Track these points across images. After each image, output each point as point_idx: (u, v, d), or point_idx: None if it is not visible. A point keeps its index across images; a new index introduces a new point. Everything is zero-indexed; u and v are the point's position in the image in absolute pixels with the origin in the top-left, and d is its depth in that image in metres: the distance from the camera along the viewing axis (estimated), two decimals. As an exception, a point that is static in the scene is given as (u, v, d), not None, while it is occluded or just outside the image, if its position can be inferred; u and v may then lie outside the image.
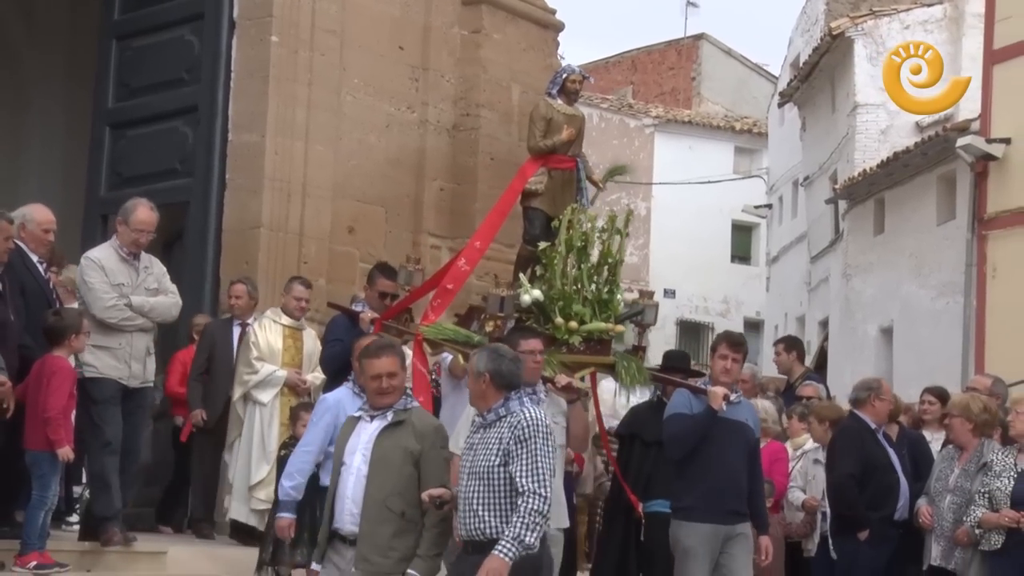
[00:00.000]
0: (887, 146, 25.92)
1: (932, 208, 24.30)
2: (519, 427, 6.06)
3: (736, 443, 7.74)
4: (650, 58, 41.59)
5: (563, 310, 8.32)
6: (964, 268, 22.72)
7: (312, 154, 11.58)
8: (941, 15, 27.64)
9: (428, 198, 12.66)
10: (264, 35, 11.38)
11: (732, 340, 8.01)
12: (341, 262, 11.76)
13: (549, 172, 9.29)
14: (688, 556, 7.56)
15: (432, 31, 12.64)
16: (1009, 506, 7.77)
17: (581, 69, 9.77)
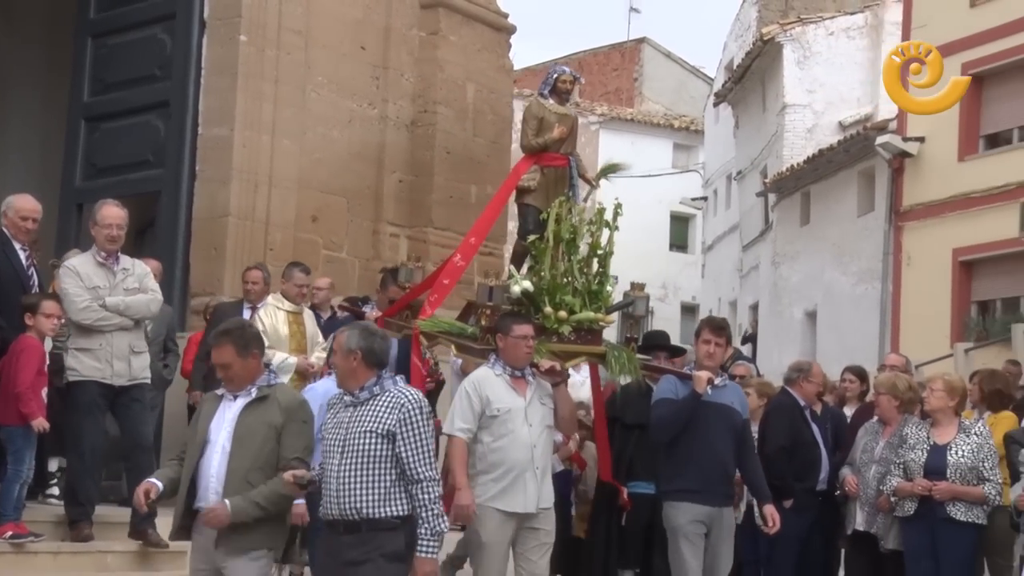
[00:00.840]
0: (813, 143, 26.10)
1: (853, 201, 24.48)
2: (404, 408, 5.69)
3: (722, 426, 7.50)
4: (595, 60, 41.61)
5: (553, 300, 8.04)
6: (881, 257, 22.92)
7: (278, 147, 11.50)
8: (863, 22, 27.82)
9: (387, 189, 12.63)
10: (233, 34, 11.28)
11: (714, 325, 7.81)
12: (305, 249, 11.66)
13: (542, 169, 8.91)
14: (680, 535, 7.38)
15: (392, 32, 12.60)
16: (922, 476, 7.81)
17: (572, 70, 9.43)
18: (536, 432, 7.09)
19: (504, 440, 6.99)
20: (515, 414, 7.03)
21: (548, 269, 8.13)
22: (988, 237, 21.27)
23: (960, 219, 21.85)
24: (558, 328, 7.99)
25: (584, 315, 8.07)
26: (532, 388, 7.20)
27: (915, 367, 13.03)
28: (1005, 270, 21.41)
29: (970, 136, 22.29)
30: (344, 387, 5.90)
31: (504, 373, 7.16)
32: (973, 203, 21.60)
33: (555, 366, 7.38)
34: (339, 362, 5.92)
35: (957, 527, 7.79)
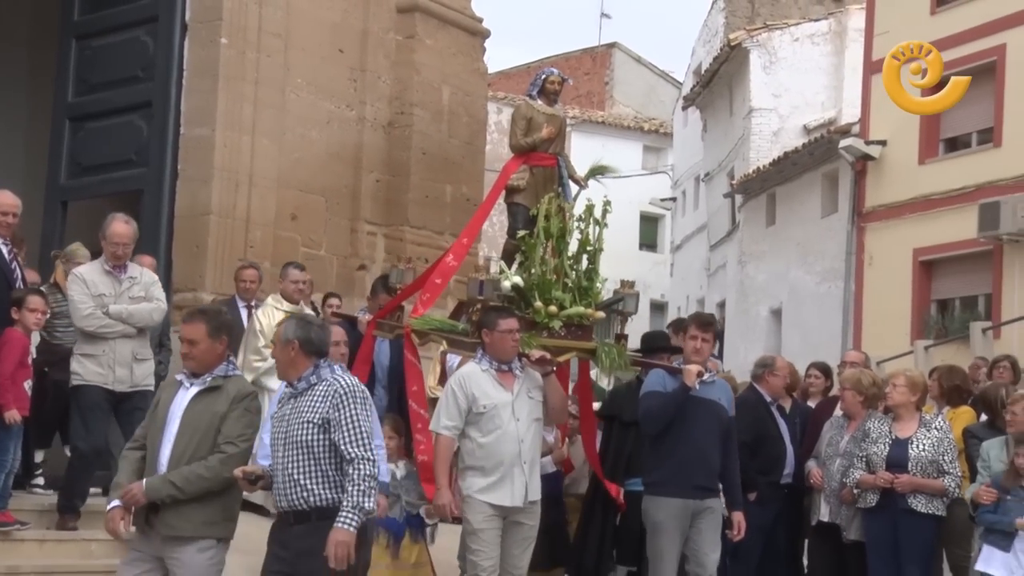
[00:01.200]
0: (778, 146, 26.21)
1: (817, 202, 24.59)
2: (336, 394, 5.61)
3: (708, 421, 7.36)
4: (567, 64, 41.54)
5: (543, 295, 7.88)
6: (844, 256, 23.03)
7: (258, 147, 11.45)
8: (827, 29, 27.94)
9: (365, 189, 12.59)
10: (214, 37, 11.22)
11: (702, 321, 7.67)
12: (284, 247, 11.64)
13: (531, 169, 8.73)
14: (658, 530, 7.27)
15: (369, 36, 12.57)
16: (884, 469, 7.83)
17: (560, 72, 9.29)
18: (524, 426, 7.00)
19: (492, 436, 6.91)
20: (502, 409, 6.94)
21: (538, 265, 7.99)
22: (947, 238, 21.38)
23: (920, 220, 21.96)
24: (549, 323, 7.83)
25: (574, 310, 7.92)
26: (520, 382, 7.10)
27: (876, 363, 13.08)
28: (964, 270, 21.53)
29: (930, 140, 22.40)
30: (285, 378, 5.81)
31: (491, 368, 7.07)
32: (933, 205, 21.71)
33: (545, 355, 7.24)
34: (278, 354, 5.79)
35: (918, 518, 7.83)
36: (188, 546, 5.75)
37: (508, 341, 7.02)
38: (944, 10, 22.43)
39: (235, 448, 5.80)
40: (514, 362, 7.10)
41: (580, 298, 8.01)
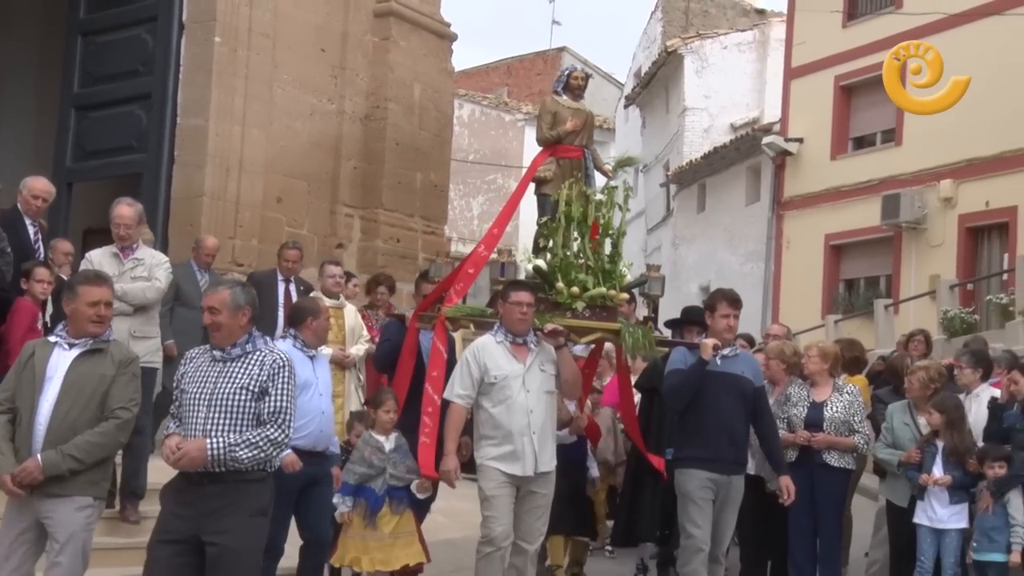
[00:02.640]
0: (708, 142, 26.31)
1: (742, 192, 24.72)
2: (275, 364, 5.09)
3: (731, 395, 6.80)
4: (522, 65, 41.54)
5: (566, 277, 7.30)
6: (765, 240, 23.18)
7: (248, 136, 11.36)
8: (752, 39, 28.03)
9: (343, 175, 12.54)
10: (209, 36, 11.12)
11: (730, 298, 7.02)
12: (271, 226, 11.59)
13: (557, 161, 8.07)
14: (688, 500, 6.73)
15: (349, 37, 12.50)
16: (803, 428, 7.88)
17: (583, 67, 8.64)
18: (534, 398, 6.49)
19: (502, 406, 6.42)
20: (512, 380, 6.45)
21: (560, 248, 7.47)
22: (854, 225, 21.57)
23: (831, 209, 22.13)
24: (571, 304, 7.29)
25: (597, 291, 7.37)
26: (533, 355, 6.59)
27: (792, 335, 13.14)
28: (868, 253, 21.74)
29: (840, 138, 22.56)
30: (221, 343, 5.13)
31: (505, 340, 6.58)
32: (842, 196, 21.89)
33: (557, 328, 6.75)
34: (225, 320, 5.09)
35: (831, 471, 7.88)
36: (66, 504, 5.20)
37: (516, 312, 6.52)
38: (854, 24, 22.57)
39: (128, 413, 5.34)
40: (529, 335, 6.62)
41: (603, 280, 7.45)
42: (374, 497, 6.88)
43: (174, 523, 4.99)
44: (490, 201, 36.06)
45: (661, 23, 31.72)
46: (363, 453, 6.92)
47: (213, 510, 4.93)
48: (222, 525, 4.91)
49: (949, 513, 7.47)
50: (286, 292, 9.93)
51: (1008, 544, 7.15)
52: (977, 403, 8.02)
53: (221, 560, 4.91)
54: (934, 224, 20.24)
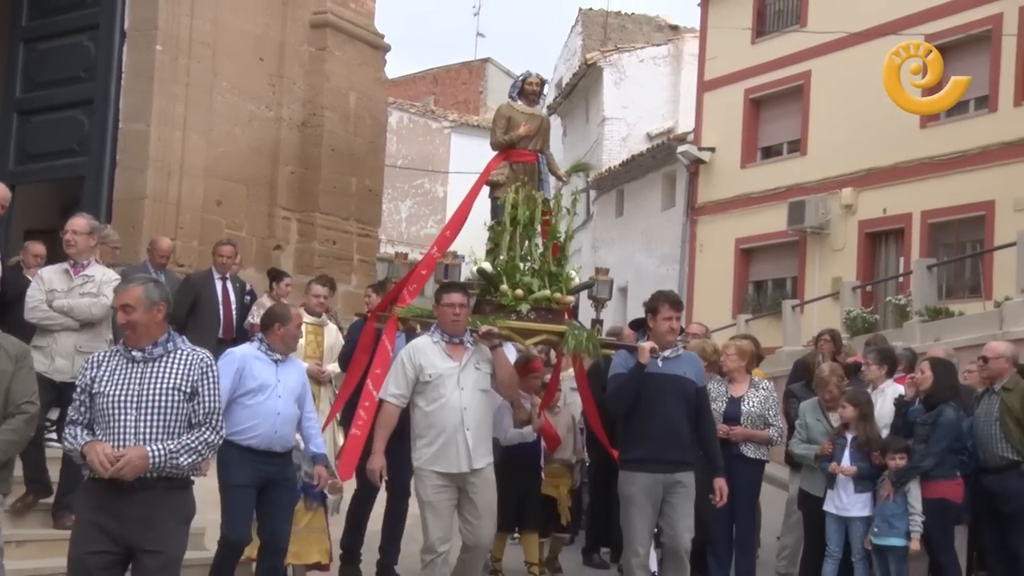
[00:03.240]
0: (626, 150, 26.58)
1: (658, 198, 25.03)
2: (203, 364, 4.71)
3: (674, 396, 6.46)
4: (448, 75, 41.53)
5: (511, 280, 7.07)
6: (680, 244, 23.48)
7: (188, 141, 11.16)
8: (666, 53, 28.36)
9: (281, 179, 12.39)
10: (150, 44, 10.90)
11: (672, 300, 6.73)
12: (210, 228, 11.42)
13: (511, 165, 7.79)
14: (630, 503, 6.41)
15: (286, 47, 12.38)
16: (722, 422, 8.00)
17: (538, 73, 8.23)
18: (468, 396, 6.26)
19: (436, 404, 6.21)
20: (446, 379, 6.25)
21: (506, 251, 7.23)
22: (763, 229, 21.94)
23: (741, 215, 22.49)
24: (516, 306, 7.05)
25: (541, 294, 7.13)
26: (469, 353, 6.38)
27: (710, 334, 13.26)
28: (775, 256, 22.13)
29: (750, 148, 22.94)
30: (138, 343, 4.66)
31: (441, 340, 6.39)
32: (752, 202, 22.25)
33: (492, 330, 6.51)
34: (140, 317, 4.63)
35: (747, 462, 8.04)
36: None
37: (449, 314, 6.32)
38: (761, 41, 22.96)
39: (34, 407, 5.18)
40: (466, 335, 6.42)
41: (550, 283, 7.21)
42: None
43: (97, 533, 4.52)
44: (418, 205, 35.97)
45: (581, 37, 31.95)
46: None
47: (143, 518, 4.51)
48: (159, 533, 4.54)
49: (854, 501, 7.66)
50: (224, 290, 9.85)
51: (907, 530, 7.36)
52: (882, 398, 8.23)
53: (163, 569, 4.58)
54: (836, 229, 20.67)
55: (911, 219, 19.49)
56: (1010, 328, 10.44)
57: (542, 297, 7.09)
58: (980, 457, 7.70)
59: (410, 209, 35.45)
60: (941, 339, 11.31)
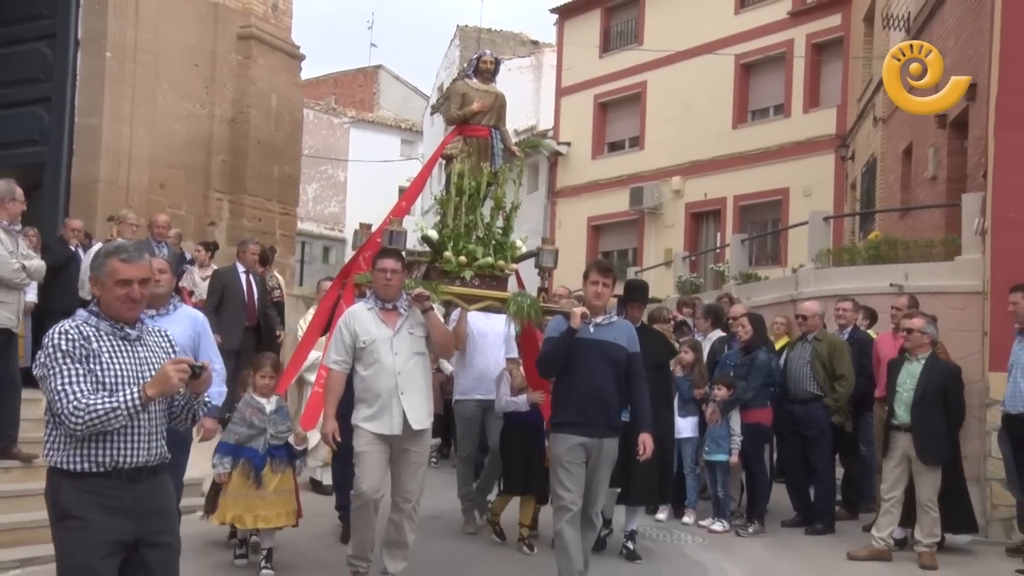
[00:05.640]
0: (498, 144, 26.59)
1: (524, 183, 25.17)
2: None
3: (603, 361, 5.51)
4: (346, 78, 40.91)
5: (455, 247, 6.28)
6: (543, 221, 23.74)
7: (135, 135, 10.94)
8: (529, 63, 28.48)
9: (214, 167, 12.25)
10: (101, 51, 10.64)
11: (601, 267, 5.77)
12: (155, 207, 11.20)
13: (465, 140, 6.89)
14: (559, 463, 5.49)
15: (218, 55, 12.20)
16: None
17: (493, 52, 7.32)
18: (402, 360, 5.44)
19: (372, 369, 5.42)
20: (381, 344, 5.42)
21: (452, 219, 6.40)
22: (609, 210, 22.44)
23: (592, 198, 22.94)
24: (460, 273, 6.27)
25: (484, 261, 6.32)
26: (403, 319, 5.52)
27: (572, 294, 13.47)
28: (620, 232, 22.67)
29: (599, 143, 23.38)
30: (128, 318, 3.39)
31: (375, 307, 5.53)
32: (600, 187, 22.72)
33: (422, 292, 5.57)
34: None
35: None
36: None
37: (382, 279, 5.49)
38: (607, 56, 23.39)
39: None
40: (400, 301, 5.56)
41: (495, 252, 6.41)
42: (257, 456, 5.88)
43: (105, 535, 3.25)
44: (322, 187, 35.49)
45: (459, 48, 31.85)
46: (244, 414, 5.96)
47: (159, 508, 3.43)
48: (173, 522, 3.53)
49: (684, 424, 8.03)
50: (248, 282, 9.49)
51: (730, 448, 7.76)
52: (708, 343, 8.64)
53: (172, 560, 3.49)
54: (668, 210, 21.29)
55: (726, 202, 20.22)
56: (803, 290, 10.90)
57: (485, 264, 6.34)
58: (791, 391, 7.99)
59: (316, 191, 34.98)
60: (751, 298, 11.76)
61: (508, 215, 6.57)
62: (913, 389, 6.98)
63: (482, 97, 6.92)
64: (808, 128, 19.00)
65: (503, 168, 6.65)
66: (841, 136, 18.28)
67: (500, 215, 6.53)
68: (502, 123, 7.01)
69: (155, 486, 3.39)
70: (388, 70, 41.30)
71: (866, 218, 15.04)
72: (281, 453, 5.94)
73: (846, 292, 9.42)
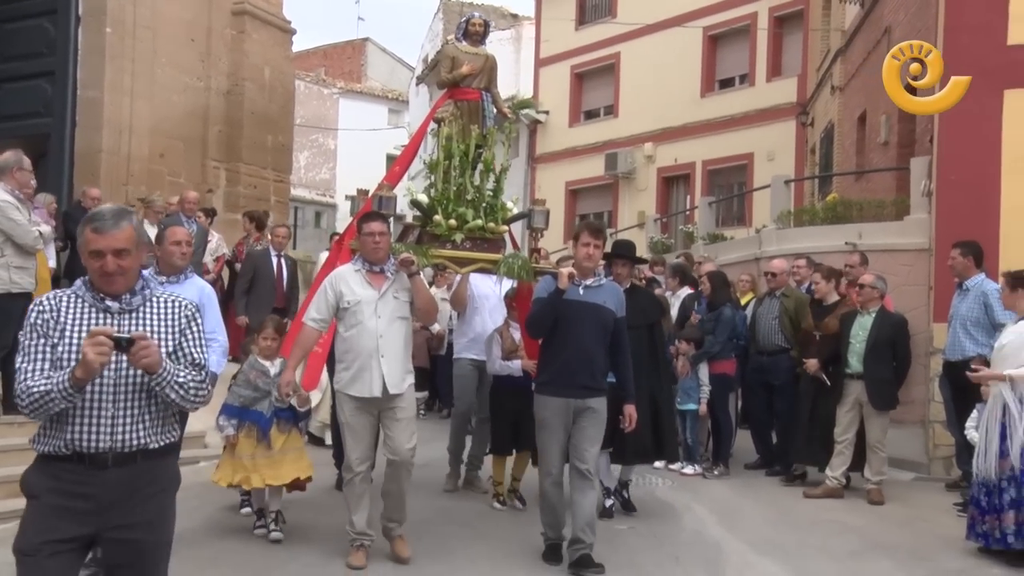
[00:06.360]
0: (480, 113, 26.43)
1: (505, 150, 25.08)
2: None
3: (591, 323, 5.17)
4: (335, 51, 40.48)
5: (445, 211, 5.91)
6: (524, 186, 23.72)
7: (135, 106, 10.93)
8: (509, 36, 28.22)
9: (211, 137, 12.23)
10: (101, 27, 10.59)
11: (592, 228, 5.35)
12: (155, 176, 11.28)
13: (456, 103, 6.49)
14: (543, 425, 5.20)
15: (213, 30, 12.12)
16: None
17: (482, 15, 6.83)
18: (384, 323, 5.09)
19: (353, 330, 5.09)
20: (365, 306, 5.10)
21: (441, 183, 6.02)
22: (586, 174, 22.46)
23: (570, 163, 22.92)
24: (450, 236, 5.93)
25: (475, 223, 5.96)
26: (389, 282, 5.18)
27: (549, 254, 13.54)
28: (596, 196, 22.70)
29: (575, 111, 23.31)
30: (117, 290, 2.89)
31: (363, 269, 5.20)
32: (577, 154, 22.71)
33: (409, 257, 5.23)
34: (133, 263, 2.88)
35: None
36: None
37: (369, 242, 5.16)
38: (583, 28, 23.24)
39: None
40: (388, 264, 5.22)
41: (486, 215, 6.02)
42: (263, 419, 5.59)
43: (59, 519, 2.79)
44: (313, 155, 35.26)
45: (442, 22, 31.52)
46: (248, 376, 5.66)
47: (123, 499, 2.82)
48: (143, 516, 2.86)
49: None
50: (278, 265, 9.25)
51: (699, 398, 7.85)
52: (677, 300, 8.73)
53: (140, 560, 2.89)
54: (641, 175, 21.32)
55: (695, 167, 20.28)
56: (766, 249, 10.94)
57: (475, 227, 5.97)
58: (760, 343, 8.01)
59: (307, 159, 34.75)
60: (719, 257, 11.84)
61: (498, 177, 6.18)
62: (865, 340, 7.13)
63: (472, 60, 6.56)
64: (771, 96, 19.03)
65: (491, 130, 6.27)
66: (801, 104, 18.34)
67: (490, 177, 6.16)
68: (493, 85, 6.64)
69: (130, 475, 2.82)
70: (375, 42, 40.87)
71: (824, 181, 15.15)
72: (286, 415, 5.64)
73: (806, 251, 9.53)
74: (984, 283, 6.97)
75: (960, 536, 5.90)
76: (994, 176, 8.07)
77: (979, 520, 5.65)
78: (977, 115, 8.08)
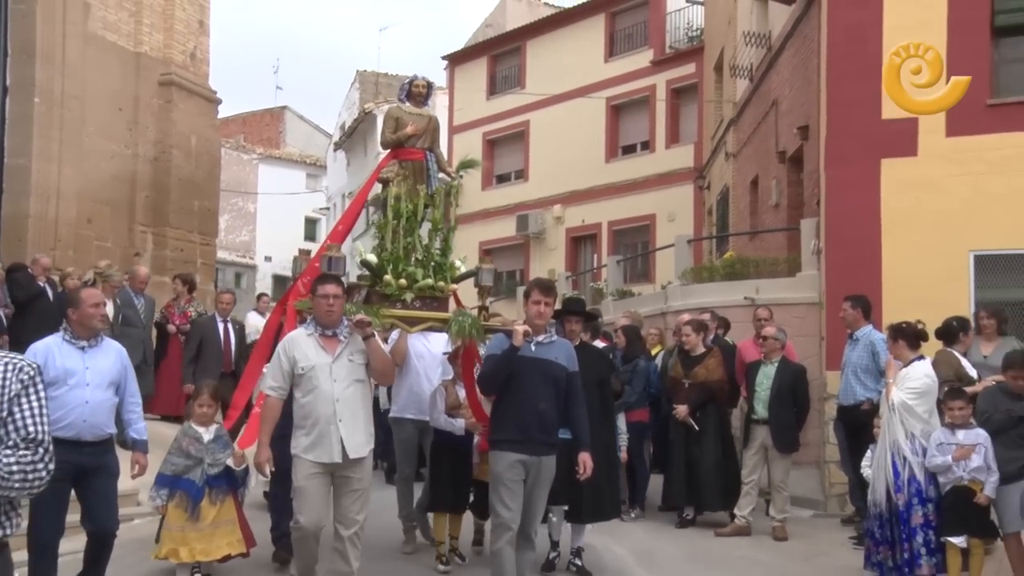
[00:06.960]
0: (397, 177, 26.50)
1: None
2: (27, 368, 2.39)
3: (543, 379, 4.99)
4: (255, 118, 40.23)
5: (395, 270, 5.72)
6: (439, 246, 23.75)
7: (63, 173, 10.66)
8: (423, 104, 28.45)
9: (139, 202, 12.08)
10: (29, 97, 10.34)
11: (543, 286, 5.18)
12: (83, 240, 11.01)
13: (400, 163, 6.27)
14: (499, 482, 4.93)
15: (140, 100, 12.01)
16: None
17: (425, 76, 6.66)
18: (341, 387, 4.83)
19: (310, 396, 4.81)
20: (320, 371, 4.82)
21: (390, 243, 5.81)
22: (498, 235, 22.64)
23: (484, 224, 23.07)
24: (400, 295, 5.70)
25: (424, 283, 5.75)
26: (343, 345, 4.91)
27: None
28: (508, 255, 22.87)
29: (488, 175, 23.61)
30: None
31: (315, 333, 4.91)
32: (490, 215, 22.93)
33: (363, 319, 4.98)
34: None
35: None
36: None
37: (323, 305, 4.88)
38: (494, 98, 23.72)
39: None
40: (341, 327, 4.95)
41: (435, 273, 5.85)
42: (194, 488, 5.31)
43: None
44: (233, 218, 34.73)
45: (358, 91, 31.79)
46: (181, 444, 5.40)
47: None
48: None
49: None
50: (224, 331, 9.07)
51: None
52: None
53: None
54: (550, 234, 21.67)
55: (601, 227, 20.75)
56: (672, 303, 11.10)
57: (425, 286, 5.77)
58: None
59: (227, 221, 34.18)
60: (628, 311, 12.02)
61: (446, 236, 6.02)
62: (769, 388, 7.37)
63: (415, 120, 6.38)
64: (670, 161, 19.71)
65: (439, 190, 6.11)
66: (698, 168, 19.04)
67: (438, 237, 5.99)
68: (436, 145, 6.47)
69: None
70: (293, 110, 40.80)
71: (721, 240, 15.66)
72: (220, 483, 5.36)
73: (709, 305, 9.83)
74: (872, 333, 7.28)
75: (857, 567, 6.06)
76: (875, 236, 8.50)
77: (874, 551, 5.84)
78: (858, 181, 8.56)
